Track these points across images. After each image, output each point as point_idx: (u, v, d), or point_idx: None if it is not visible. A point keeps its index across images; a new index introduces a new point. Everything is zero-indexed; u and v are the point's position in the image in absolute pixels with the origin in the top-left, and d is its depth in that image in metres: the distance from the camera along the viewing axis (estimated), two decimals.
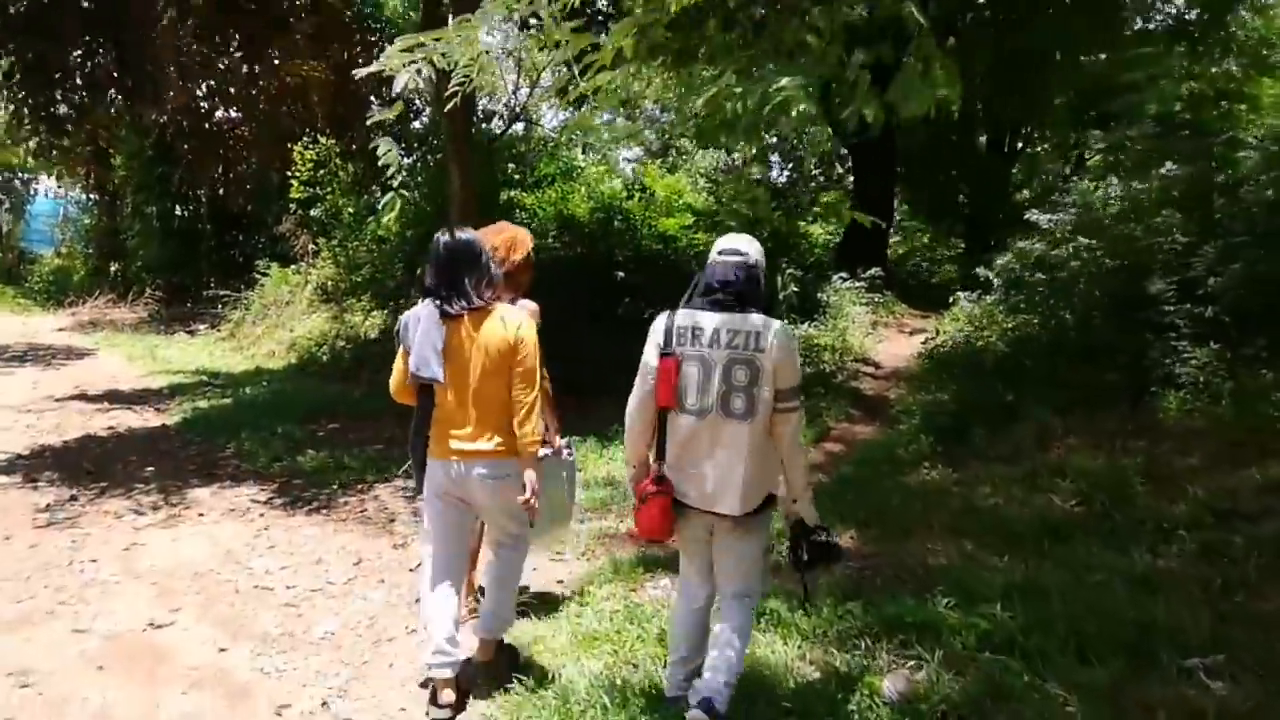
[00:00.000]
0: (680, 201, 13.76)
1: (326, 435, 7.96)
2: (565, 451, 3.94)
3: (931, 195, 15.94)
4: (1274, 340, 5.53)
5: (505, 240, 3.70)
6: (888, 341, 9.67)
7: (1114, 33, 13.24)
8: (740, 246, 2.94)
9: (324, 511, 5.82)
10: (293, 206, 13.58)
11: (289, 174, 12.64)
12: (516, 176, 12.74)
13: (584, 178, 13.85)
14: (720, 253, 2.94)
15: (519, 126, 22.84)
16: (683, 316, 2.89)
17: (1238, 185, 7.57)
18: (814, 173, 23.94)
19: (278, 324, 13.41)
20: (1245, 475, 4.87)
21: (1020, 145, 16.73)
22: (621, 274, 8.81)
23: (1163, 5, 14.59)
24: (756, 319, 2.82)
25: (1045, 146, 17.76)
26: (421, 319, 3.16)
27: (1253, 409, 5.46)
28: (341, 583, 4.65)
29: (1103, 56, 13.86)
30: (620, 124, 26.43)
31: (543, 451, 3.33)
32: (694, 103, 2.90)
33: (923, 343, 9.01)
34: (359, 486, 6.33)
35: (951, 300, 9.77)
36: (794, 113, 2.47)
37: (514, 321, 3.18)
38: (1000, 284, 8.46)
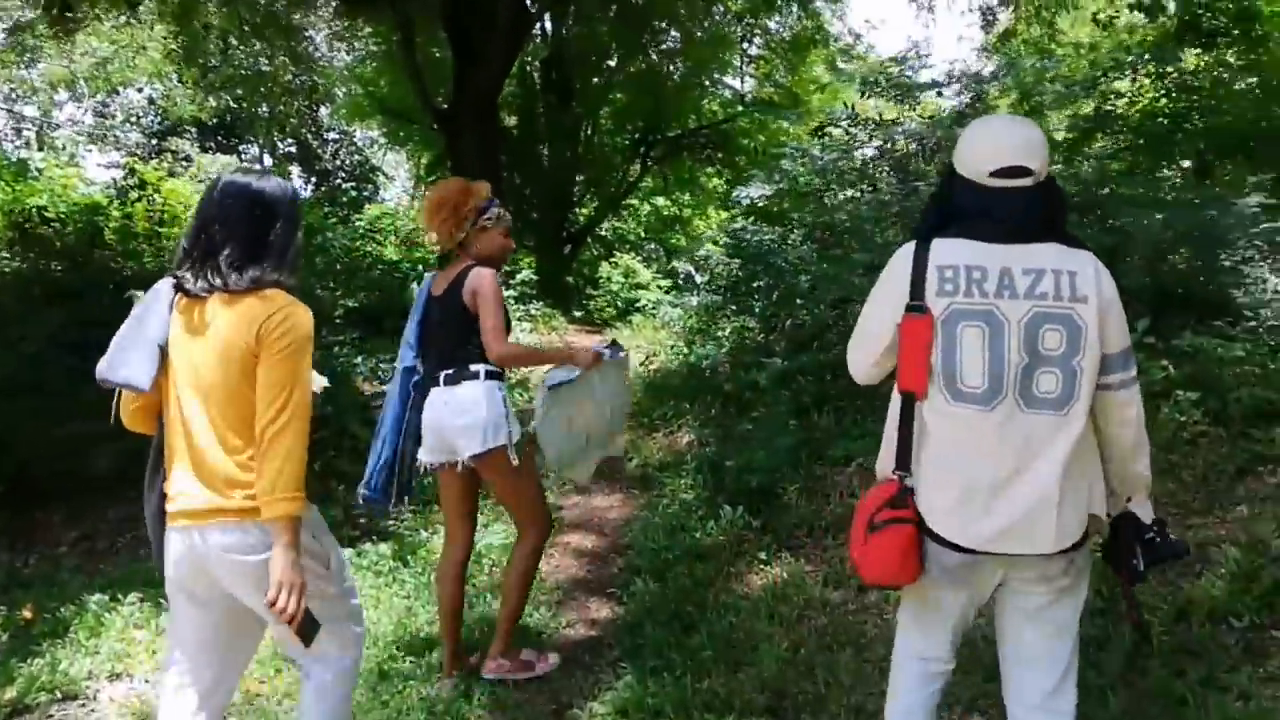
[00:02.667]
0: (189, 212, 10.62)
1: None
2: (609, 352, 3.02)
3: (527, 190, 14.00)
4: None
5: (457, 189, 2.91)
6: None
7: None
8: (1025, 154, 1.74)
9: None
10: None
11: None
12: None
13: (46, 182, 9.73)
14: (993, 173, 1.74)
15: None
16: (947, 248, 1.75)
17: None
18: (348, 186, 20.89)
19: None
20: None
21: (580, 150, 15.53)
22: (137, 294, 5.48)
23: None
24: (1072, 252, 1.73)
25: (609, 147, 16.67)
26: (148, 298, 2.00)
27: None
28: None
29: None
30: (91, 120, 20.95)
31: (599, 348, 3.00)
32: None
33: (641, 363, 6.75)
34: None
35: (641, 306, 7.77)
36: None
37: (275, 303, 1.93)
38: (709, 279, 6.57)
